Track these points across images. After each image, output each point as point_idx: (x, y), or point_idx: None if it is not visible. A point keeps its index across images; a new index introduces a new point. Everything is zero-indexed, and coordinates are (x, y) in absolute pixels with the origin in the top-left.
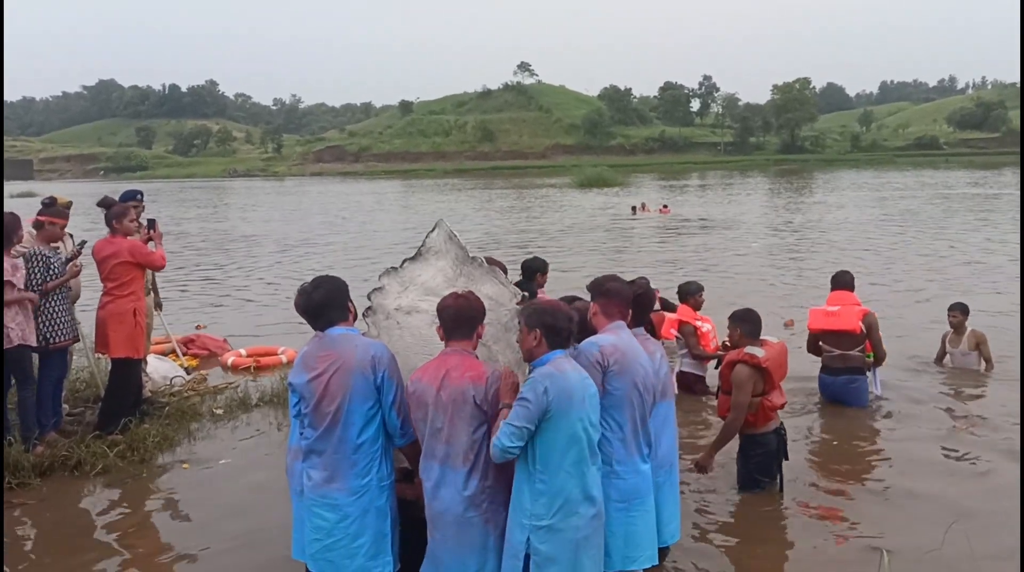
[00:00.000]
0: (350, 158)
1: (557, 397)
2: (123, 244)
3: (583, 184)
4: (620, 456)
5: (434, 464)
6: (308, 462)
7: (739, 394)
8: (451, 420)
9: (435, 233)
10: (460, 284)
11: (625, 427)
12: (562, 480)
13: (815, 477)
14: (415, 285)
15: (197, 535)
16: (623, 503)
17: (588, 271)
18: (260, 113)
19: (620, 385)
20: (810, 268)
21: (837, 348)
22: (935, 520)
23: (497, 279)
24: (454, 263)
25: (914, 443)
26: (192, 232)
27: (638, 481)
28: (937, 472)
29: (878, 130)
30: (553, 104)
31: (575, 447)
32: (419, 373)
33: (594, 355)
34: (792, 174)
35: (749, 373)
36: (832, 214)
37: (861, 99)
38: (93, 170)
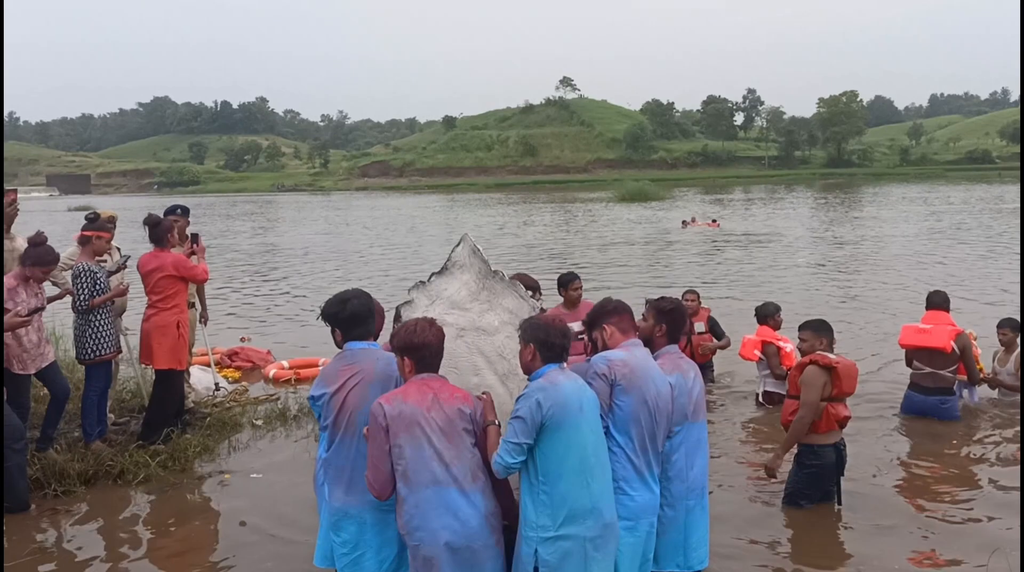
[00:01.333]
0: (394, 173)
1: (551, 408)
2: (167, 258)
3: (624, 198)
4: (625, 474)
5: (445, 487)
6: (331, 475)
7: (808, 393)
8: (451, 441)
9: (460, 247)
10: (483, 297)
11: (631, 445)
12: (564, 489)
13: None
14: (441, 299)
15: (233, 545)
16: (630, 521)
17: (636, 287)
18: (308, 129)
19: (627, 401)
20: (857, 284)
21: (928, 366)
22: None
23: (517, 293)
24: (477, 277)
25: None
26: (241, 245)
27: (644, 501)
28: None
29: (928, 143)
30: (595, 119)
31: (575, 455)
32: (397, 397)
33: (601, 368)
34: (839, 188)
35: (819, 373)
36: (880, 228)
37: (911, 112)
38: (147, 184)
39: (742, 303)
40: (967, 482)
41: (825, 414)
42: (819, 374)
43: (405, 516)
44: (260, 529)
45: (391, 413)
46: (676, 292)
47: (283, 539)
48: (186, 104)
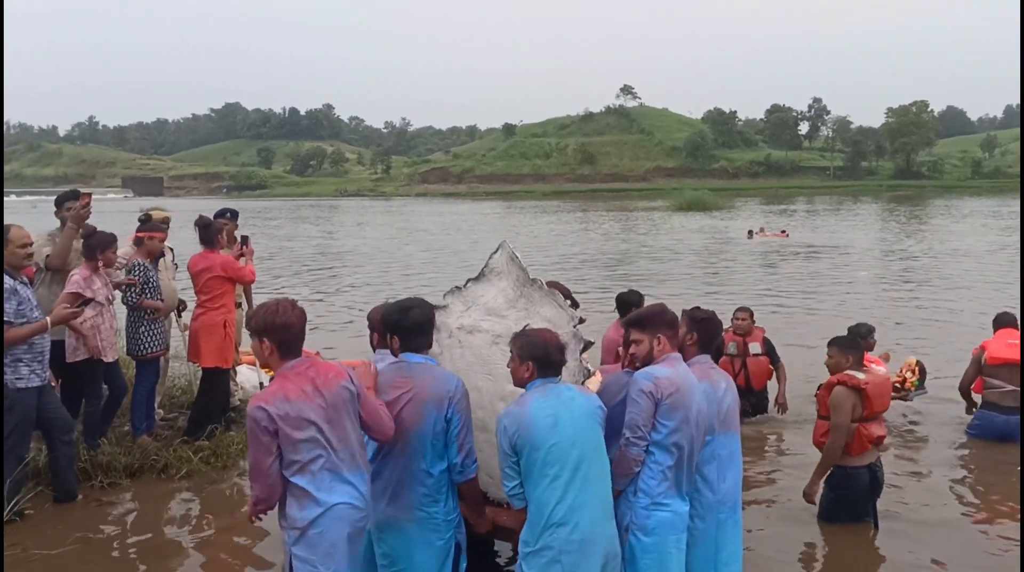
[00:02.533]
0: (453, 179)
1: (516, 431)
2: (216, 259)
3: (682, 207)
4: (661, 490)
5: (338, 473)
6: (377, 487)
7: (837, 415)
8: (336, 426)
9: (498, 254)
10: (520, 305)
11: (671, 462)
12: (540, 503)
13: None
14: (477, 305)
15: (273, 540)
16: (658, 537)
17: (690, 297)
18: (371, 135)
19: (671, 420)
20: (918, 301)
21: (1010, 383)
22: None
23: (556, 302)
24: (515, 284)
25: None
26: (301, 248)
27: (675, 518)
28: None
29: (1002, 156)
30: (655, 127)
31: (549, 470)
32: (277, 395)
33: (648, 386)
34: (907, 200)
35: (847, 394)
36: (949, 242)
37: (984, 123)
38: (217, 188)
39: (810, 316)
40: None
41: (857, 435)
42: (848, 395)
43: (306, 508)
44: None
45: (277, 414)
46: (731, 303)
47: None
48: (256, 110)
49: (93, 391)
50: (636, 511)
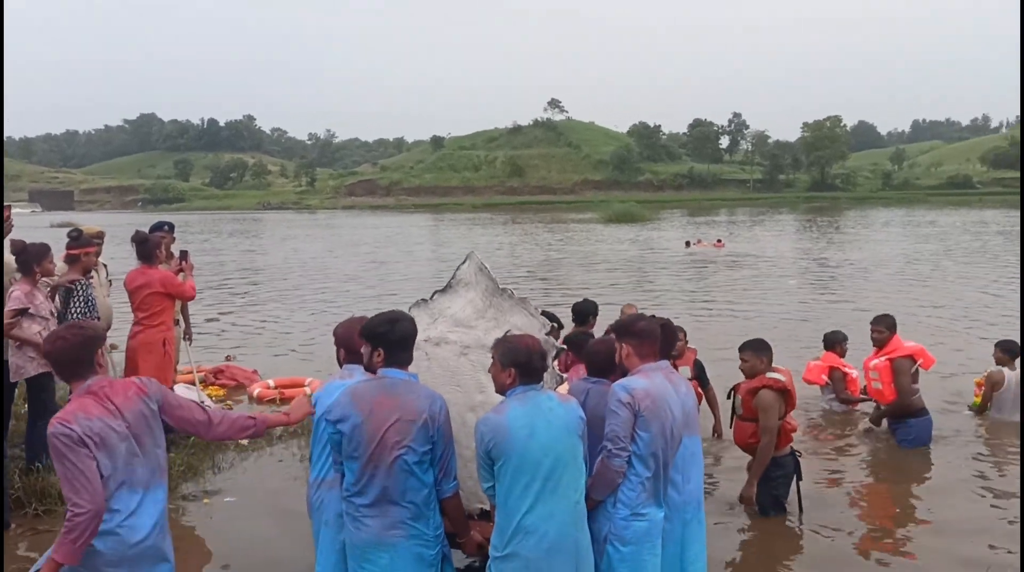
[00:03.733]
0: (381, 191)
1: (492, 438)
2: (155, 275)
3: (611, 219)
4: (640, 500)
5: (139, 490)
6: (359, 506)
7: (768, 418)
8: (141, 443)
9: (466, 265)
10: (490, 315)
11: (648, 473)
12: (510, 510)
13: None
14: (444, 317)
15: (220, 563)
16: (635, 545)
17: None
18: (295, 147)
19: (649, 433)
20: (844, 304)
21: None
22: None
23: (526, 310)
24: (484, 294)
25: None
26: (226, 263)
27: (651, 526)
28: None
29: (910, 168)
30: (582, 140)
31: (522, 479)
32: (78, 414)
33: (625, 397)
34: (823, 211)
35: (775, 397)
36: (870, 250)
37: (893, 137)
38: (131, 201)
39: (747, 323)
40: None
41: (783, 431)
42: (775, 397)
43: (116, 524)
44: (242, 549)
45: (84, 432)
46: (672, 316)
47: (266, 559)
48: (172, 121)
49: (49, 407)
50: (615, 522)
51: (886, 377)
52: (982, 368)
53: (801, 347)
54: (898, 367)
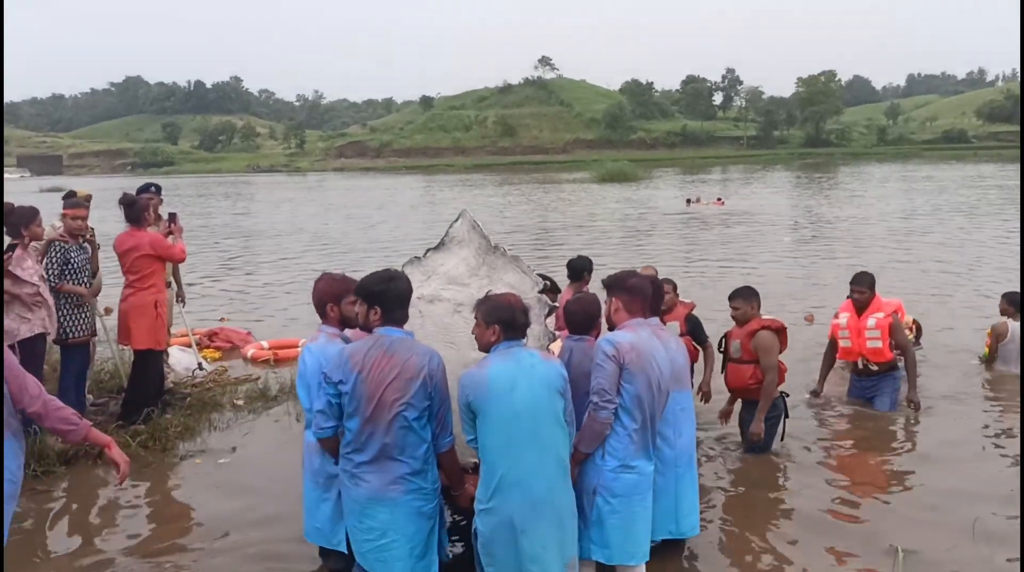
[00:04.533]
0: (371, 153)
1: (473, 392)
2: (144, 237)
3: (604, 179)
4: (629, 453)
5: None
6: (359, 463)
7: (769, 357)
8: None
9: (459, 223)
10: (483, 273)
11: (635, 425)
12: (492, 464)
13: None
14: (438, 274)
15: (215, 522)
16: (625, 498)
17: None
18: (283, 109)
19: (634, 385)
20: (844, 261)
21: None
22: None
23: (519, 268)
24: (476, 252)
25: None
26: (218, 226)
27: (641, 479)
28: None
29: (905, 123)
30: (574, 99)
31: (502, 432)
32: None
33: (610, 350)
34: (817, 168)
35: (773, 337)
36: (863, 208)
37: (888, 92)
38: (120, 165)
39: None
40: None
41: (779, 370)
42: (773, 338)
43: None
44: (239, 507)
45: None
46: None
47: (265, 516)
48: (159, 84)
49: (36, 372)
50: (604, 474)
51: (885, 335)
52: (983, 321)
53: (809, 306)
54: (897, 323)
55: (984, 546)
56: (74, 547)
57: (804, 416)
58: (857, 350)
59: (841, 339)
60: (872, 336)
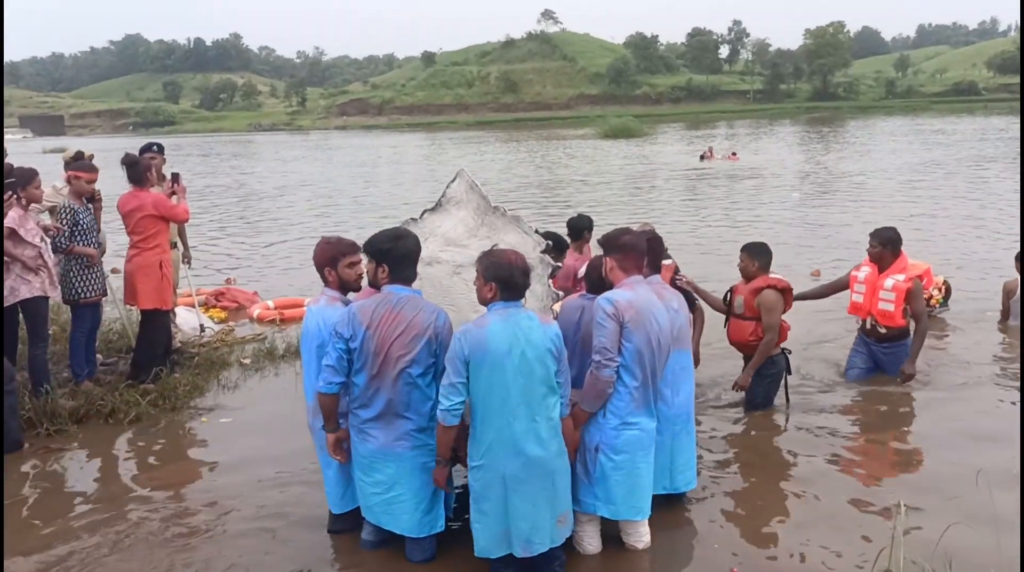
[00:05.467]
0: (373, 111)
1: (471, 349)
2: (147, 198)
3: (608, 135)
4: (630, 410)
5: None
6: (365, 419)
7: (772, 316)
8: None
9: (456, 183)
10: (482, 234)
11: (636, 382)
12: (486, 424)
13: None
14: (435, 236)
15: (225, 479)
16: (628, 454)
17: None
18: (284, 66)
19: (633, 341)
20: (833, 220)
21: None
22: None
23: (520, 228)
24: (475, 213)
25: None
26: (223, 185)
27: (643, 435)
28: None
29: (914, 75)
30: (577, 53)
31: (497, 394)
32: None
33: (609, 308)
34: (825, 122)
35: (777, 296)
36: (869, 161)
37: (897, 43)
38: (122, 125)
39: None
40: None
41: (781, 329)
42: (778, 297)
43: None
44: (248, 463)
45: None
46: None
47: (273, 473)
48: (159, 42)
49: (41, 333)
50: (605, 432)
51: (900, 300)
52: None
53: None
54: (916, 290)
55: (986, 495)
56: (84, 505)
57: (807, 377)
58: (867, 308)
59: (855, 293)
60: (886, 297)
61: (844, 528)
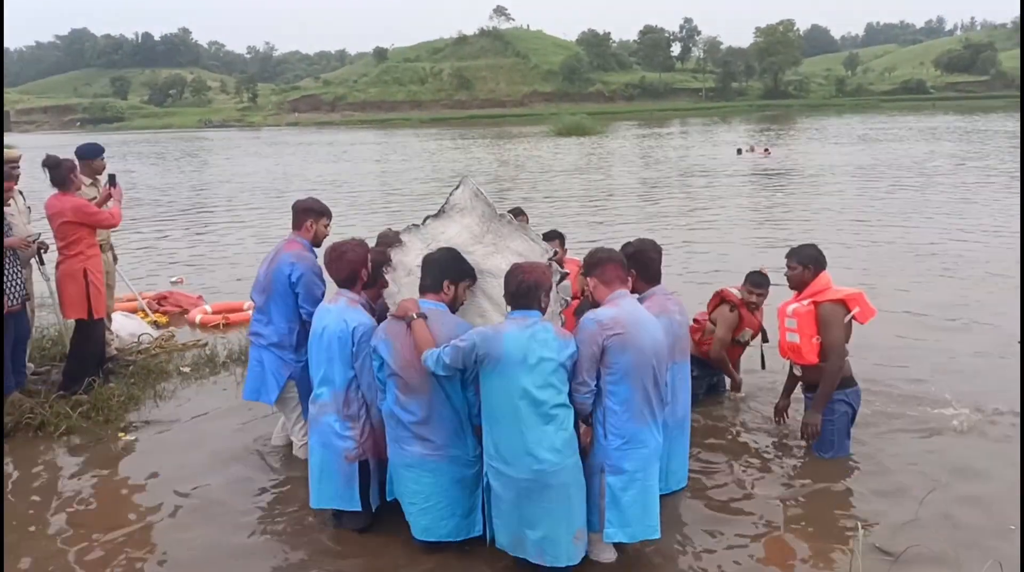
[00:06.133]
0: (326, 107)
1: (485, 352)
2: (67, 203)
3: (561, 133)
4: (630, 430)
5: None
6: (399, 432)
7: (720, 330)
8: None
9: (460, 190)
10: (488, 240)
11: (633, 399)
12: (499, 430)
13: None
14: (438, 242)
15: (160, 494)
16: (634, 473)
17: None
18: (234, 61)
19: (623, 358)
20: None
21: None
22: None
23: (527, 235)
24: (480, 220)
25: None
26: (171, 184)
27: (650, 453)
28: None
29: (864, 74)
30: (530, 50)
31: (508, 402)
32: None
33: (590, 329)
34: (776, 120)
35: (731, 312)
36: (818, 157)
37: (847, 42)
38: (70, 121)
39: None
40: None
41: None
42: (732, 314)
43: None
44: (184, 476)
45: None
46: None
47: (210, 485)
48: (106, 36)
49: None
50: (609, 453)
51: (807, 328)
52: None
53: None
54: (826, 316)
55: (941, 516)
56: (25, 521)
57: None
58: (782, 344)
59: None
60: (789, 326)
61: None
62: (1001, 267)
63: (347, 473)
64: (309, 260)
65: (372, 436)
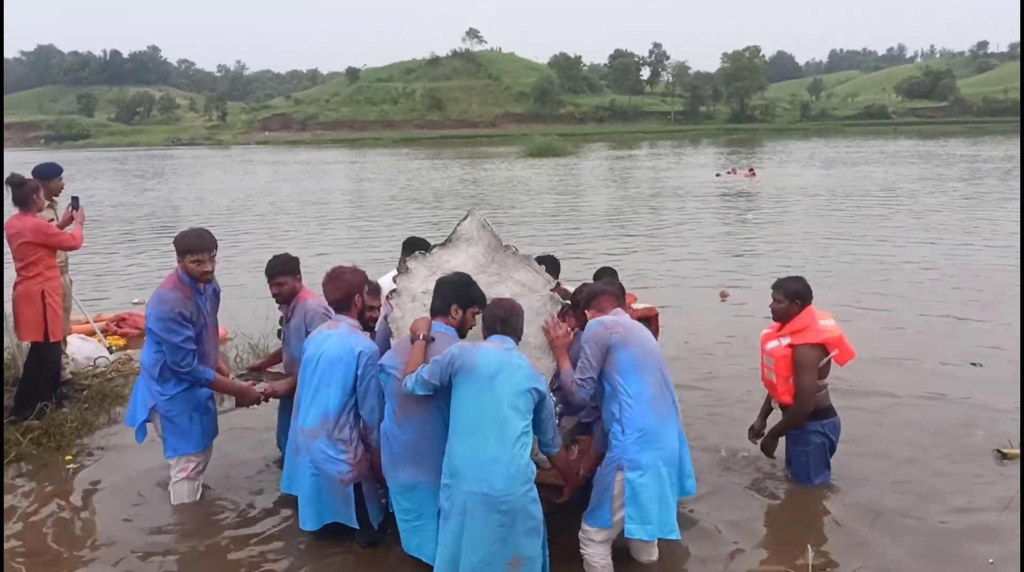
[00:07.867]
0: (297, 126)
1: (460, 363)
2: (28, 223)
3: (532, 154)
4: (647, 423)
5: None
6: (395, 450)
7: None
8: None
9: (467, 221)
10: (492, 270)
11: (645, 391)
12: (455, 444)
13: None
14: (443, 270)
15: (109, 526)
16: (658, 468)
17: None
18: (204, 80)
19: (629, 351)
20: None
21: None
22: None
23: (531, 267)
24: (486, 250)
25: None
26: (134, 202)
27: (667, 454)
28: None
29: (827, 99)
30: (503, 72)
31: (471, 414)
32: None
33: (596, 329)
34: (744, 143)
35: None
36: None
37: (811, 67)
38: (34, 138)
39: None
40: None
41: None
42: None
43: None
44: (138, 504)
45: None
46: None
47: (165, 512)
48: (73, 53)
49: None
50: (626, 447)
51: (783, 369)
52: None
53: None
54: (802, 360)
55: (887, 538)
56: None
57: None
58: (762, 376)
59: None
60: (767, 364)
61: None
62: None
63: (343, 494)
64: (168, 301)
65: (367, 459)
